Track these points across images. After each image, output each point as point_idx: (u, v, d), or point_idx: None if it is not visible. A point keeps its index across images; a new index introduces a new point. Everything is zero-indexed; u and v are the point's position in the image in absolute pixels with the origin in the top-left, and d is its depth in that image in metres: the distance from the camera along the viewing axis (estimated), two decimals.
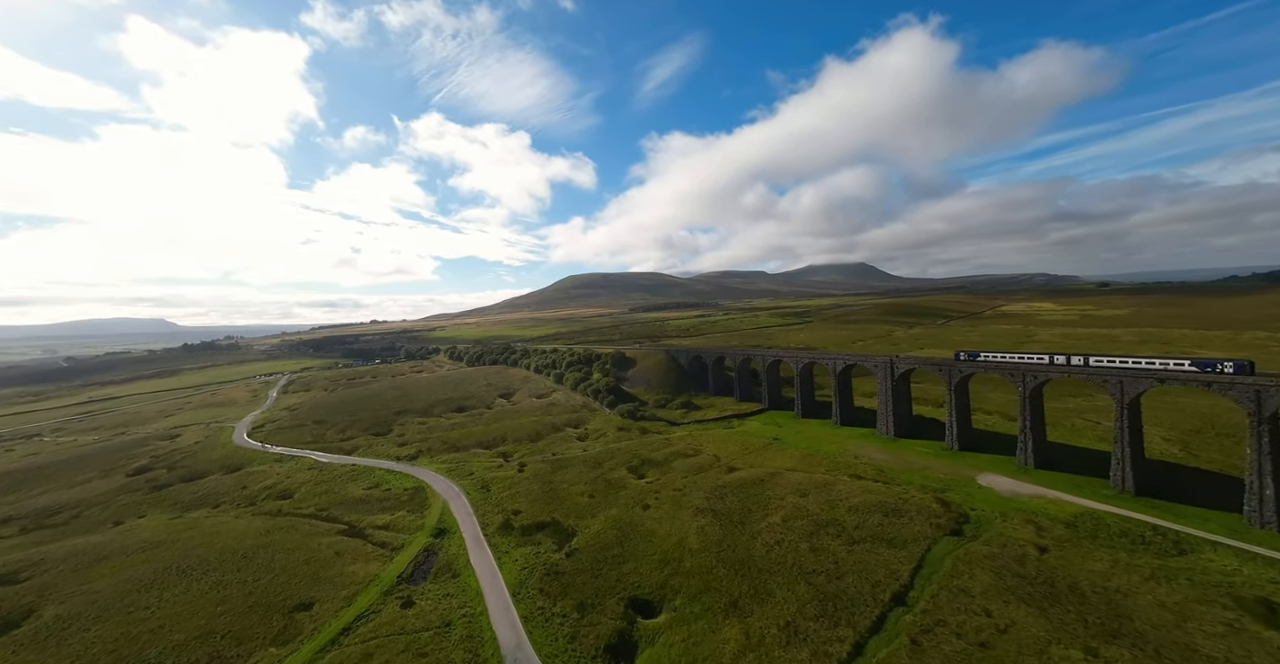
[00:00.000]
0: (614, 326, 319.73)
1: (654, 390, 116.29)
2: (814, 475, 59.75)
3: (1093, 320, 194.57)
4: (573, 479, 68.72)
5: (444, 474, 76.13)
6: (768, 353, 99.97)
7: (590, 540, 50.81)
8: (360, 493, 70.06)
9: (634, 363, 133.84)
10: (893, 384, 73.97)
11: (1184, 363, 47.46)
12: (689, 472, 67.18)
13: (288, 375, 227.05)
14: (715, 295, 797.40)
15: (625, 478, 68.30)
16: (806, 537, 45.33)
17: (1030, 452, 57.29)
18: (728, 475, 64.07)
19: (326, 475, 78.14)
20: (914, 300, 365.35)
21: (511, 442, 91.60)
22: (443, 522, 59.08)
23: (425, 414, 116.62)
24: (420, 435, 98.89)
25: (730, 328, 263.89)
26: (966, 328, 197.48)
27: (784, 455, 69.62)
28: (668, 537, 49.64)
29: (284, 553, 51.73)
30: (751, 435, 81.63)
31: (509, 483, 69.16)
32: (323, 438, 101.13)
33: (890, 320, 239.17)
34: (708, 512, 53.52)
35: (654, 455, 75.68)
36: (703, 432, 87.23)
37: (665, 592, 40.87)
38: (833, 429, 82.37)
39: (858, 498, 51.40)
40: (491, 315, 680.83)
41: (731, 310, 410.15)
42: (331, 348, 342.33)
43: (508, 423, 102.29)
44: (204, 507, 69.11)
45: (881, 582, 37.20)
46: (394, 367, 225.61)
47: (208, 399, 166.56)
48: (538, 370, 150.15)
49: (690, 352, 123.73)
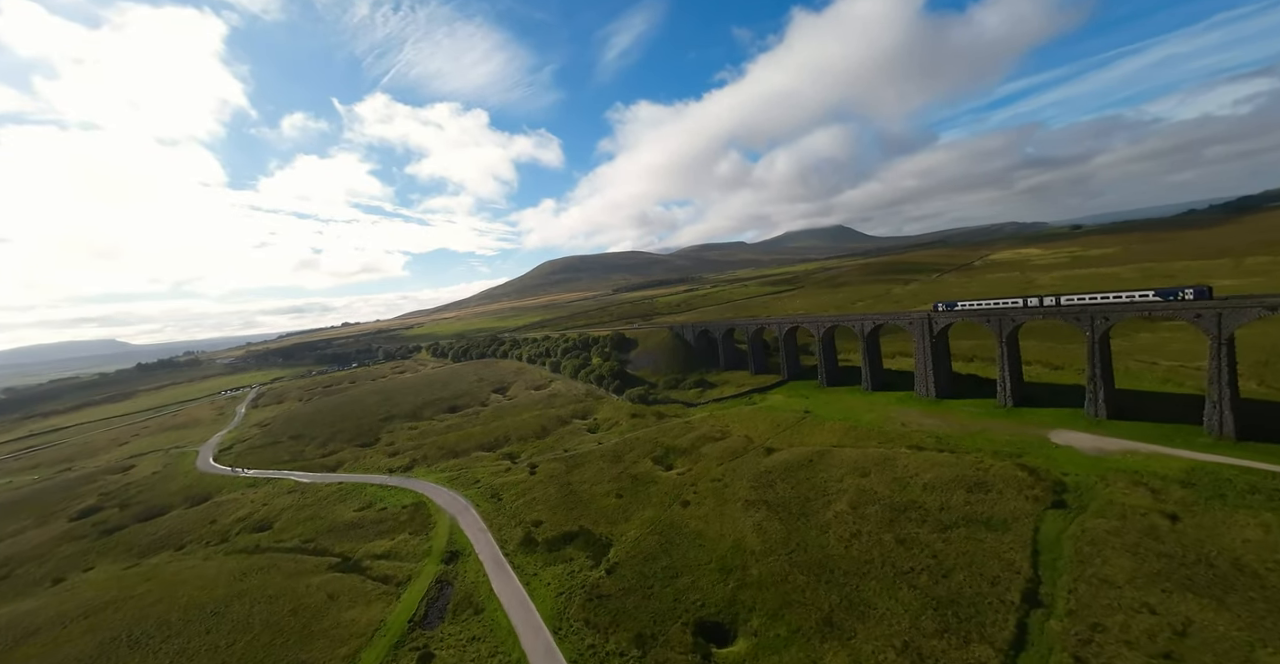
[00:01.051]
0: (601, 309, 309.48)
1: (662, 371, 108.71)
2: (867, 451, 53.47)
3: (1085, 261, 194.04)
4: (593, 478, 61.14)
5: (446, 485, 67.58)
6: (784, 320, 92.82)
7: (630, 551, 43.57)
8: (352, 515, 61.13)
9: (635, 344, 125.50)
10: (932, 342, 67.73)
11: (1148, 294, 50.00)
12: (722, 458, 60.28)
13: (257, 388, 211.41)
14: (696, 269, 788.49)
15: (652, 471, 61.07)
16: (886, 526, 38.90)
17: (1102, 401, 51.97)
18: (768, 459, 57.41)
19: (310, 498, 68.69)
20: (897, 258, 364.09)
21: (516, 440, 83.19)
22: (453, 542, 50.97)
23: (415, 418, 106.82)
24: (413, 442, 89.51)
25: (721, 300, 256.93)
26: (963, 279, 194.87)
27: (823, 430, 63.25)
28: (721, 538, 42.74)
29: (265, 602, 42.98)
30: (779, 410, 75.12)
31: (522, 489, 61.17)
32: (302, 455, 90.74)
33: (882, 279, 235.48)
34: (759, 504, 46.73)
35: (678, 442, 68.55)
36: (724, 411, 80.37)
37: (736, 609, 34.02)
38: (865, 396, 76.46)
39: (929, 473, 45.22)
40: (470, 308, 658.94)
41: (718, 282, 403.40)
42: (302, 355, 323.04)
43: (508, 420, 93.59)
44: (165, 549, 59.19)
45: (1000, 577, 30.94)
46: (373, 369, 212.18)
47: (167, 422, 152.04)
48: (531, 360, 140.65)
49: (697, 327, 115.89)
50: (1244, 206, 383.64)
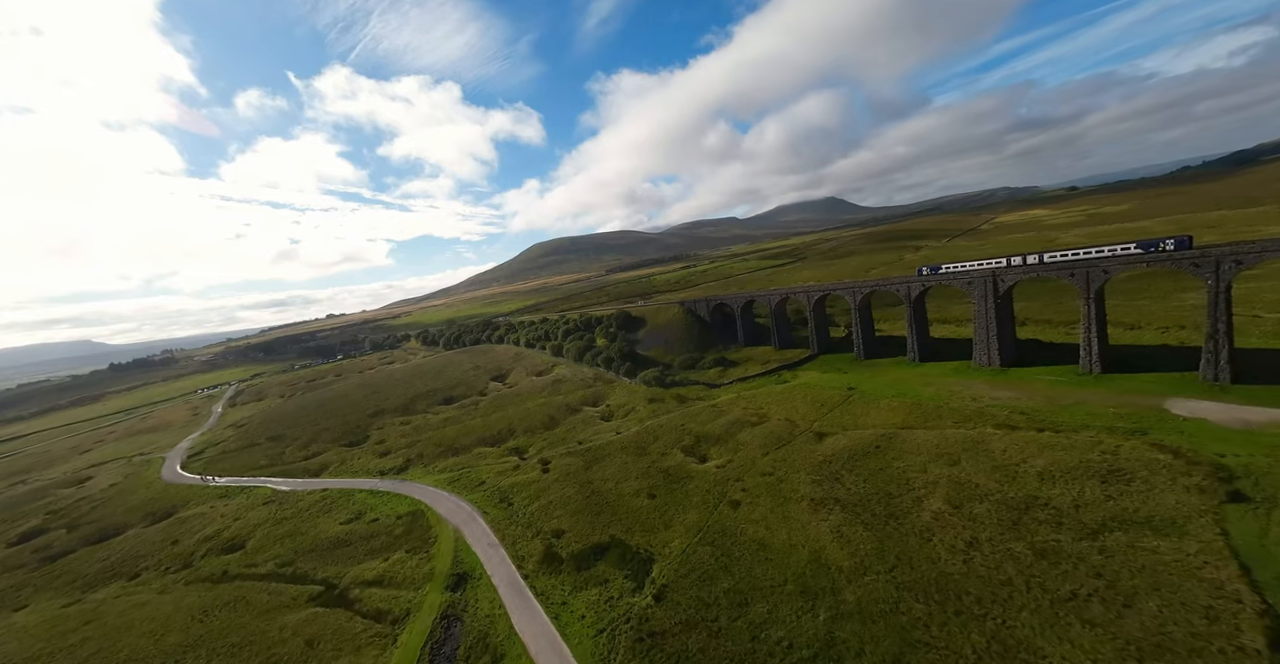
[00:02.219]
0: (597, 290, 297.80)
1: (675, 350, 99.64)
2: (946, 432, 45.24)
3: (1101, 218, 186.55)
4: (618, 474, 52.60)
5: (446, 488, 58.76)
6: (811, 289, 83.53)
7: (679, 568, 35.28)
8: (338, 530, 52.24)
9: (643, 322, 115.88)
10: (996, 303, 59.01)
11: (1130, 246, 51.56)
12: (766, 446, 51.89)
13: (235, 385, 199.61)
14: (689, 247, 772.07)
15: (685, 464, 52.63)
16: (1010, 530, 30.76)
17: (1224, 363, 43.90)
18: (822, 445, 49.09)
19: (290, 509, 59.61)
20: (896, 227, 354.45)
21: (522, 433, 74.29)
22: (459, 561, 42.42)
23: (407, 411, 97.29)
24: (406, 439, 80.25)
25: (722, 275, 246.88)
26: (976, 242, 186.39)
27: (879, 409, 54.93)
28: (792, 549, 34.52)
29: (227, 655, 34.28)
30: (818, 388, 66.69)
31: (535, 490, 52.52)
32: (281, 458, 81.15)
33: (889, 247, 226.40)
34: (830, 503, 38.47)
35: (709, 429, 60.04)
36: (753, 390, 71.85)
37: (838, 653, 25.89)
38: (913, 368, 68.22)
39: (1039, 459, 37.06)
40: (459, 294, 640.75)
41: (716, 258, 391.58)
42: (285, 349, 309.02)
43: (511, 410, 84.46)
44: (116, 579, 50.05)
45: (1214, 608, 22.86)
46: (360, 360, 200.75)
47: (137, 425, 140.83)
48: (530, 344, 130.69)
49: (711, 301, 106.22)
50: (1241, 160, 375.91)
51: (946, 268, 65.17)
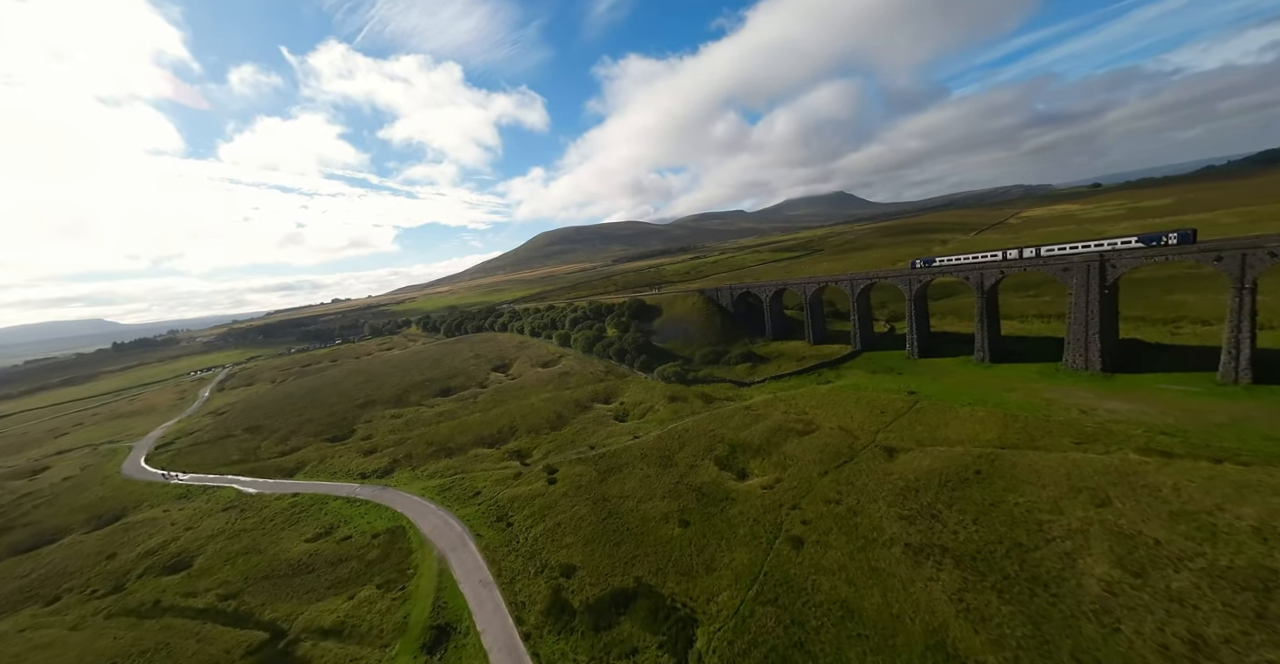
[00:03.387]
0: (605, 279, 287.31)
1: (695, 343, 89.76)
2: (1070, 456, 35.25)
3: (1145, 212, 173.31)
4: (639, 490, 43.21)
5: (435, 499, 49.62)
6: (857, 278, 73.10)
7: (735, 640, 25.88)
8: (301, 549, 43.31)
9: (658, 311, 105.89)
10: (1101, 294, 48.51)
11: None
12: (822, 461, 42.20)
13: (228, 368, 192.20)
14: (696, 239, 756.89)
15: (722, 480, 43.11)
16: (1255, 625, 20.89)
17: None
18: (894, 464, 39.38)
19: (252, 519, 50.77)
20: (911, 221, 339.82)
21: (525, 432, 65.03)
22: (441, 605, 33.26)
23: (399, 403, 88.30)
24: (395, 436, 71.25)
25: (734, 266, 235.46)
26: (1009, 236, 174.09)
27: (958, 420, 44.97)
28: (894, 624, 24.93)
29: None
30: (870, 391, 56.76)
31: (540, 507, 43.25)
32: (255, 453, 72.43)
33: (910, 240, 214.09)
34: (934, 552, 28.77)
35: (745, 436, 50.40)
36: (792, 391, 62.03)
37: None
38: (983, 370, 58.08)
39: (1244, 505, 26.94)
40: (464, 282, 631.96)
41: (727, 250, 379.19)
42: (284, 332, 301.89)
43: (513, 405, 75.16)
44: (31, 603, 41.37)
45: None
46: (358, 346, 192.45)
47: (121, 408, 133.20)
48: (535, 333, 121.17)
49: (735, 289, 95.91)
50: (1271, 159, 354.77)
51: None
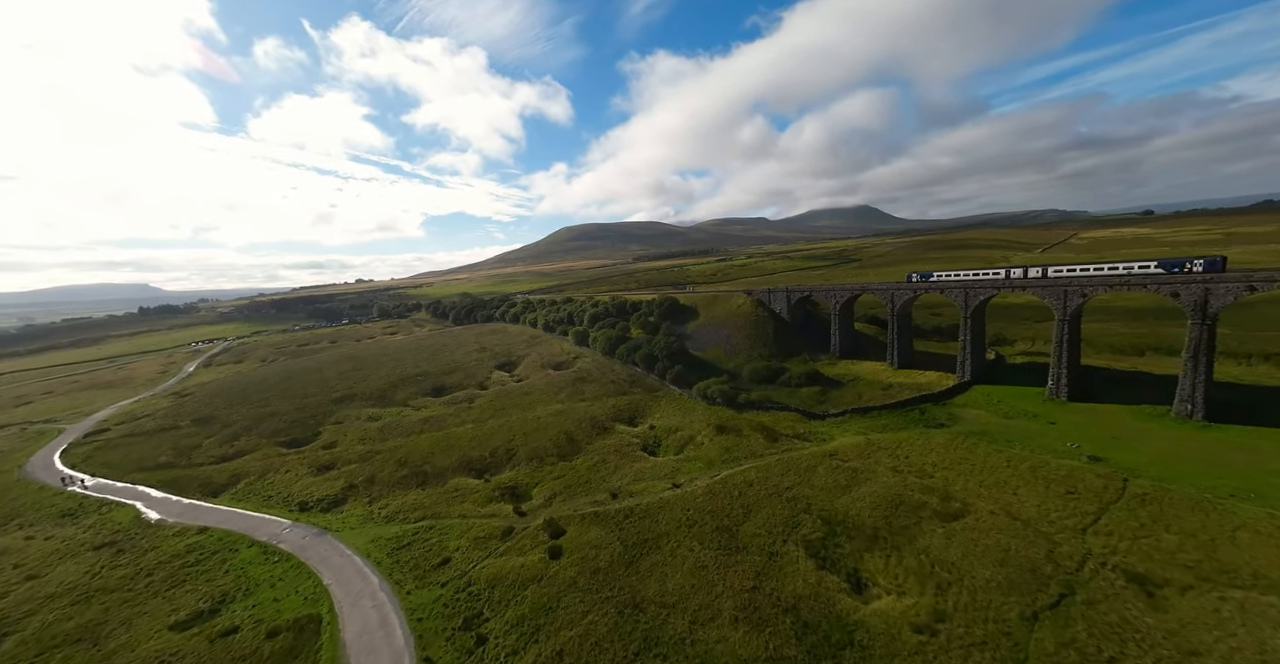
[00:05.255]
0: (625, 276, 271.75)
1: (741, 354, 73.10)
2: None
3: (1246, 238, 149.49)
4: (690, 594, 27.11)
5: (384, 563, 34.27)
6: (976, 284, 55.47)
7: None
8: (156, 646, 28.29)
9: (693, 313, 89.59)
10: None
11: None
12: (1010, 586, 25.43)
13: (229, 341, 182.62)
14: (716, 243, 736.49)
15: (827, 592, 26.70)
16: None
17: None
18: (1165, 617, 22.37)
19: (123, 570, 36.15)
20: (954, 236, 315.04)
21: (524, 458, 49.48)
22: None
23: (381, 401, 73.88)
24: (363, 446, 56.50)
25: (764, 271, 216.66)
26: (1086, 255, 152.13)
27: (1246, 533, 27.45)
28: None
29: None
30: (1024, 449, 39.38)
31: (533, 606, 27.47)
32: (191, 455, 58.45)
33: (959, 256, 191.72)
34: None
35: (844, 506, 33.81)
36: (889, 434, 45.00)
37: None
38: (1199, 430, 40.17)
39: None
40: (483, 271, 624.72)
41: (755, 255, 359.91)
42: (297, 309, 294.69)
43: (514, 418, 59.74)
44: None
45: None
46: (362, 328, 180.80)
47: (103, 377, 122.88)
48: (549, 327, 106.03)
49: (793, 292, 78.76)
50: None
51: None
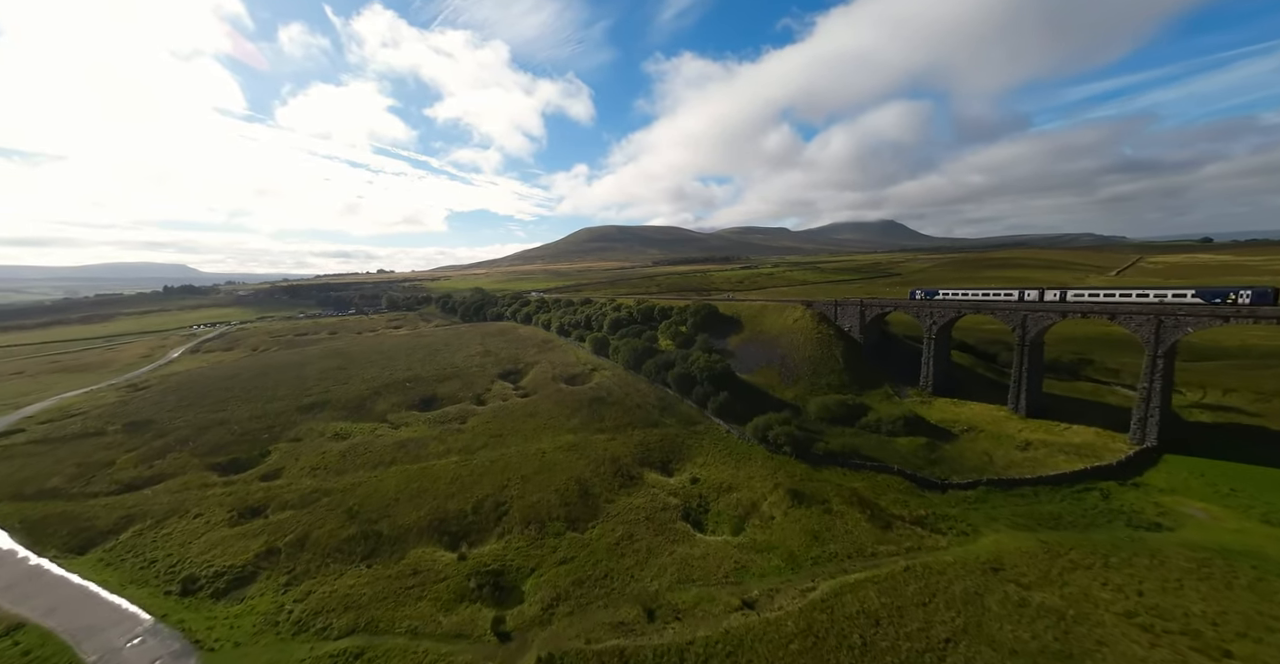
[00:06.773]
0: (646, 279, 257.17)
1: (802, 380, 57.82)
2: None
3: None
4: None
5: None
6: (1173, 314, 39.49)
7: None
8: None
9: (736, 325, 74.74)
10: None
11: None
12: None
13: (230, 326, 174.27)
14: (737, 251, 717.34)
15: None
16: None
17: None
18: None
19: None
20: (994, 255, 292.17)
21: (519, 520, 35.17)
22: None
23: (357, 412, 60.65)
24: (312, 479, 42.97)
25: (795, 281, 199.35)
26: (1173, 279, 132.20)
27: None
28: None
29: None
30: None
31: None
32: (93, 477, 45.49)
33: (1005, 276, 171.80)
34: None
35: None
36: (1077, 539, 29.50)
37: None
38: None
39: None
40: (502, 267, 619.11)
41: (780, 265, 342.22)
42: (308, 295, 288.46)
43: (512, 450, 45.54)
44: None
45: None
46: (367, 320, 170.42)
47: (85, 358, 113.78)
48: (563, 331, 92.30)
49: (869, 306, 62.97)
50: None
51: None
